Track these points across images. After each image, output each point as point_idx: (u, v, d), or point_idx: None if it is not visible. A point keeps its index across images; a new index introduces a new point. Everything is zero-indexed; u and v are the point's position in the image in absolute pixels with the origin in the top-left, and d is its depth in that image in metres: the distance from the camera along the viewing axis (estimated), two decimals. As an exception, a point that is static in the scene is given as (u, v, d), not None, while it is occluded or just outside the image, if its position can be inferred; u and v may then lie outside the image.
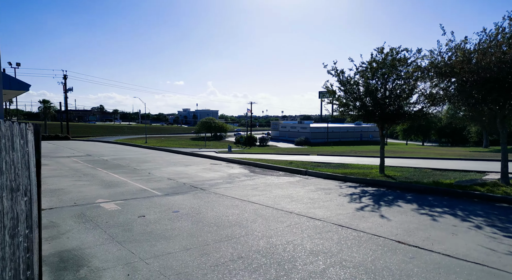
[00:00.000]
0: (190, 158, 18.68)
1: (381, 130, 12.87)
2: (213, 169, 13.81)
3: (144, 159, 17.35)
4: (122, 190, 9.13)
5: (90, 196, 8.21)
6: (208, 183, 10.40)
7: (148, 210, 6.90)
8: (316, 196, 8.52)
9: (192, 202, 7.70)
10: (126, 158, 17.97)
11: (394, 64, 11.66)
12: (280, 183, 10.58)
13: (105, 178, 10.99)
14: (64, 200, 7.78)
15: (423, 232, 5.42)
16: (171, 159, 18.03)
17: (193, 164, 15.48)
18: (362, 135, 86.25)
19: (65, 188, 9.15)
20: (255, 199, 8.10)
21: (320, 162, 16.60)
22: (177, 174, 12.32)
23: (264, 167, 14.59)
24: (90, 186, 9.56)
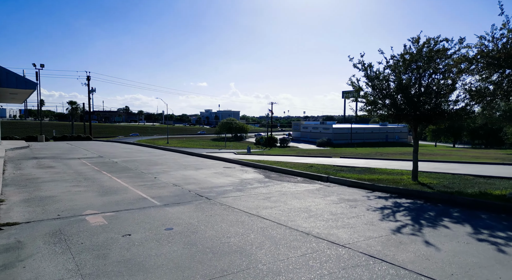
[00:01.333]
0: (203, 160, 17.68)
1: (415, 131, 11.28)
2: (225, 173, 12.67)
3: (155, 161, 16.50)
4: (118, 198, 8.15)
5: (79, 206, 7.26)
6: (216, 191, 9.27)
7: (138, 226, 5.82)
8: (339, 209, 7.16)
9: (191, 216, 6.56)
10: (138, 160, 17.21)
11: (431, 56, 10.08)
12: (298, 191, 9.27)
13: (105, 184, 10.10)
14: (48, 210, 6.86)
15: (489, 271, 3.99)
16: (183, 161, 17.10)
17: (205, 167, 14.43)
18: (387, 136, 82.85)
19: (57, 196, 8.28)
20: (266, 212, 6.85)
21: (343, 166, 15.12)
22: (184, 179, 11.28)
23: (281, 171, 13.31)
24: (85, 193, 8.66)
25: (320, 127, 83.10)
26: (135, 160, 17.24)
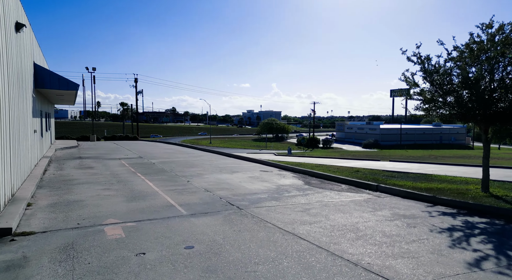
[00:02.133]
0: (240, 163, 16.98)
1: (485, 133, 9.51)
2: (261, 178, 11.79)
3: (192, 163, 16.13)
4: (144, 205, 7.62)
5: (102, 214, 6.81)
6: (249, 199, 8.41)
7: (156, 242, 5.13)
8: (395, 229, 5.91)
9: (217, 230, 5.75)
10: (175, 161, 17.00)
11: (508, 43, 8.35)
12: (342, 202, 8.10)
13: (136, 187, 9.72)
14: (70, 218, 6.47)
15: None
16: (220, 163, 16.53)
17: (240, 171, 13.68)
18: (442, 137, 76.54)
19: (84, 200, 7.97)
20: (304, 230, 5.83)
21: (394, 171, 13.50)
22: (218, 183, 10.59)
23: (323, 177, 12.11)
24: (113, 198, 8.28)
25: (366, 128, 79.13)
26: (172, 161, 17.04)
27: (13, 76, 8.37)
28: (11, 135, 7.74)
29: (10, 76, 7.82)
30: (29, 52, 11.80)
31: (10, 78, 7.82)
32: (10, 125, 7.56)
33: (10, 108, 7.69)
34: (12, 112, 7.97)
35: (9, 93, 7.70)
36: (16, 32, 8.78)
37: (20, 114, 9.20)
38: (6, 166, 6.96)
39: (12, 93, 8.08)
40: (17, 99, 8.68)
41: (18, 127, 8.86)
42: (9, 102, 7.65)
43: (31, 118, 11.80)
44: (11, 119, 7.80)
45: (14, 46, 8.53)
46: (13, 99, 8.07)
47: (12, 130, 7.87)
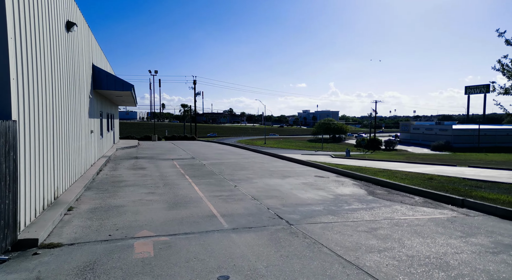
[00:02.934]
0: (292, 166, 15.77)
1: None
2: (315, 185, 10.49)
3: (242, 166, 15.38)
4: (185, 214, 6.90)
5: (138, 223, 6.21)
6: (301, 211, 7.24)
7: (185, 268, 4.27)
8: (504, 269, 4.28)
9: (260, 254, 4.71)
10: (225, 163, 16.43)
11: None
12: (418, 221, 6.50)
13: (181, 192, 9.14)
14: (104, 227, 5.97)
15: None
16: (271, 166, 15.53)
17: (293, 175, 12.51)
18: (530, 139, 66.20)
19: (125, 206, 7.54)
20: (371, 261, 4.51)
21: (478, 180, 11.17)
22: (266, 190, 9.57)
23: (389, 186, 10.38)
24: (155, 204, 7.74)
25: (435, 128, 71.87)
26: (223, 162, 16.50)
27: (61, 76, 8.30)
28: (57, 137, 7.61)
29: (56, 76, 7.72)
30: (85, 53, 12.05)
31: (56, 78, 7.72)
32: (55, 126, 7.44)
33: (55, 109, 7.55)
34: (58, 112, 7.85)
35: (54, 93, 7.57)
36: (67, 31, 8.75)
37: (70, 114, 9.19)
38: (47, 169, 6.75)
39: (58, 93, 7.99)
40: (66, 99, 8.63)
41: (68, 128, 8.84)
42: (53, 102, 7.50)
43: (87, 119, 12.03)
44: (56, 119, 7.67)
45: (63, 45, 8.47)
46: (59, 100, 7.97)
47: (58, 131, 7.75)
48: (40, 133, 6.38)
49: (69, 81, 9.14)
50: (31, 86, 6.04)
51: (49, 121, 7.01)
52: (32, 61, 6.03)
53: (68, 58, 8.97)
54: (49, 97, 7.09)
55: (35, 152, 6.12)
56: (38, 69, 6.41)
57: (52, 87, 7.37)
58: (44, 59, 6.73)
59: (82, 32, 11.55)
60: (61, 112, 8.14)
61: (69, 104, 8.99)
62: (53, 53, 7.49)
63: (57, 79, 7.76)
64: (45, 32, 6.88)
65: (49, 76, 7.12)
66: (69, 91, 8.99)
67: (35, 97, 6.25)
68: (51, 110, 7.20)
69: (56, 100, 7.67)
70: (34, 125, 6.15)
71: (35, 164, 6.09)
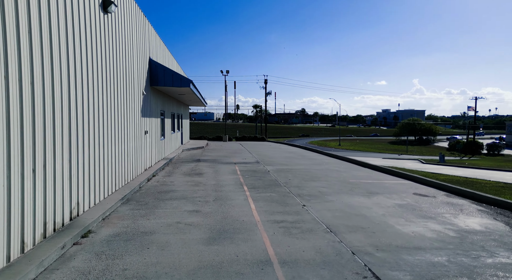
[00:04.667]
0: (378, 176, 12.61)
1: None
2: (419, 210, 7.44)
3: (314, 174, 12.80)
4: (227, 254, 4.77)
5: (157, 270, 4.28)
6: (408, 261, 4.52)
7: None
8: None
9: None
10: (294, 169, 14.03)
11: None
12: None
13: (232, 212, 7.08)
14: (109, 273, 4.16)
15: None
16: (350, 176, 12.62)
17: (382, 191, 9.52)
18: None
19: (156, 232, 5.73)
20: None
21: None
22: (347, 215, 6.93)
23: (544, 219, 6.77)
24: (193, 231, 5.79)
25: (556, 129, 58.31)
26: (291, 169, 14.14)
27: (94, 70, 6.94)
28: (81, 139, 6.19)
29: (84, 70, 6.32)
30: (139, 45, 10.91)
31: (85, 72, 6.33)
32: (84, 125, 6.02)
33: (72, 106, 6.11)
34: (81, 110, 6.43)
35: (74, 89, 6.15)
36: (103, 12, 7.41)
37: (110, 113, 7.86)
38: (58, 181, 5.28)
39: (85, 89, 6.59)
40: (99, 96, 7.26)
41: (106, 128, 7.49)
42: (75, 96, 6.07)
43: (139, 119, 10.88)
44: (80, 118, 6.25)
45: (94, 32, 7.10)
46: (89, 93, 6.56)
47: (84, 132, 6.33)
48: (56, 136, 4.94)
49: (111, 75, 7.84)
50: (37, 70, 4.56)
51: (63, 119, 5.55)
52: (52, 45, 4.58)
53: (107, 46, 7.65)
54: (64, 89, 5.64)
55: (34, 159, 4.63)
56: (59, 57, 4.96)
57: (76, 78, 5.96)
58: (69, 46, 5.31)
59: (134, 21, 10.38)
60: (90, 109, 6.75)
61: (107, 101, 7.66)
62: (80, 38, 6.09)
63: (85, 70, 6.36)
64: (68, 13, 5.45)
65: (70, 66, 5.70)
66: (109, 86, 7.67)
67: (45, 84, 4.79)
68: (66, 105, 5.75)
69: (79, 96, 6.26)
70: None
71: (34, 177, 4.59)
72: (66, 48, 5.62)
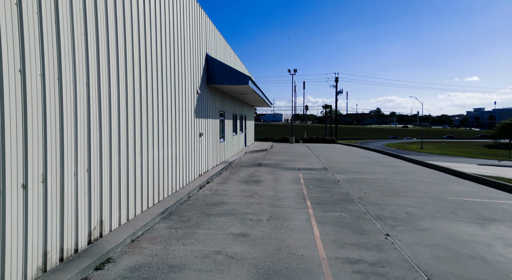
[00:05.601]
0: (489, 193, 9.66)
1: None
2: None
3: (396, 187, 10.40)
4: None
5: None
6: None
7: None
8: None
9: None
10: (370, 179, 11.75)
11: None
12: None
13: (288, 240, 5.45)
14: None
15: None
16: (446, 190, 9.92)
17: (501, 218, 6.88)
18: None
19: (186, 267, 4.42)
20: None
21: None
22: (456, 258, 4.76)
23: None
24: (232, 270, 4.33)
25: None
26: (366, 179, 11.88)
27: (140, 66, 5.99)
28: (106, 145, 5.22)
29: (129, 66, 5.36)
30: (192, 39, 9.98)
31: (130, 69, 5.38)
32: (121, 127, 5.07)
33: (112, 105, 5.14)
34: (116, 111, 5.47)
35: (117, 86, 5.19)
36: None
37: (150, 113, 6.90)
38: (71, 198, 4.30)
39: (125, 87, 5.63)
40: (142, 95, 6.30)
41: (145, 131, 6.53)
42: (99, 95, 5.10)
43: (191, 120, 9.94)
44: (114, 119, 5.28)
45: (136, 20, 6.14)
46: (118, 95, 5.59)
47: (113, 135, 5.36)
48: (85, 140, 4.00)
49: (157, 71, 6.89)
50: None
51: (81, 124, 4.58)
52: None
53: (153, 39, 6.70)
54: (104, 87, 4.69)
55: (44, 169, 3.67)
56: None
57: (119, 75, 5.01)
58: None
59: (187, 11, 9.46)
60: (130, 110, 5.79)
61: (152, 101, 6.70)
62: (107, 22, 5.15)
63: (130, 66, 5.40)
64: None
65: (103, 62, 4.75)
66: (154, 84, 6.72)
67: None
68: (105, 105, 4.79)
69: (118, 91, 5.30)
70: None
71: (25, 193, 3.63)
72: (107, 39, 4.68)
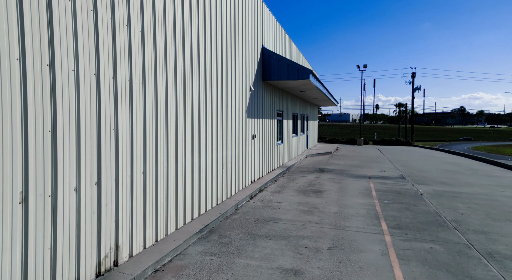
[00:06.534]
0: None
1: None
2: None
3: (507, 205, 7.92)
4: None
5: None
6: None
7: None
8: None
9: None
10: (465, 193, 9.31)
11: None
12: None
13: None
14: None
15: None
16: None
17: None
18: None
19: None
20: None
21: None
22: None
23: None
24: None
25: None
26: (459, 193, 9.46)
27: (180, 60, 5.04)
28: (140, 149, 4.30)
29: (170, 59, 4.44)
30: (247, 31, 8.89)
31: (171, 62, 4.46)
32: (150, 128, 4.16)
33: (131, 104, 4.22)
34: (142, 108, 4.54)
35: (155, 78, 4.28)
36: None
37: (190, 114, 5.91)
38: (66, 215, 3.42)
39: (158, 81, 4.71)
40: (182, 92, 5.32)
41: (184, 134, 5.56)
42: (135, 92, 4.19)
43: (244, 120, 8.84)
44: (139, 118, 4.35)
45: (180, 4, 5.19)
46: (143, 91, 4.65)
47: (144, 139, 4.43)
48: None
49: (200, 64, 5.91)
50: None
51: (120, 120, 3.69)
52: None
53: (200, 28, 5.72)
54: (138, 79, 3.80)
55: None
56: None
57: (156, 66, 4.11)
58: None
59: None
60: (161, 108, 4.84)
61: (192, 99, 5.71)
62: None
63: (171, 60, 4.49)
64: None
65: (137, 52, 3.87)
66: (197, 79, 5.74)
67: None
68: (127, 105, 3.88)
69: (144, 85, 4.37)
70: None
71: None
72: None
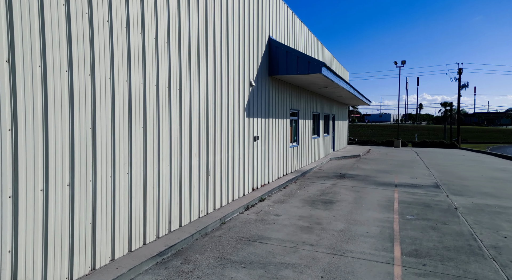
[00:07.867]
0: None
1: None
2: None
3: None
4: None
5: None
6: None
7: None
8: None
9: None
10: (511, 208, 7.52)
11: None
12: None
13: None
14: None
15: None
16: None
17: None
18: None
19: None
20: None
21: None
22: None
23: None
24: None
25: None
26: (505, 208, 7.68)
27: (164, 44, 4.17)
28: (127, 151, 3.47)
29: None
30: (251, 20, 7.86)
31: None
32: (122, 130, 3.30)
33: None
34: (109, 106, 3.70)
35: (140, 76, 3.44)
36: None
37: (175, 112, 5.00)
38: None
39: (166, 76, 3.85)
40: (162, 90, 4.43)
41: (152, 135, 4.66)
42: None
43: (242, 120, 7.81)
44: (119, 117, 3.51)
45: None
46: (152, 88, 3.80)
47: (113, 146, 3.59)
48: None
49: (189, 56, 5.00)
50: None
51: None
52: None
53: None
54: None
55: None
56: None
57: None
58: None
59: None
60: (134, 105, 3.98)
61: (175, 96, 4.81)
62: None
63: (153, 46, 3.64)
64: None
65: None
66: (181, 72, 4.84)
67: None
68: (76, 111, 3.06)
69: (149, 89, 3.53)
70: None
71: None
72: None
